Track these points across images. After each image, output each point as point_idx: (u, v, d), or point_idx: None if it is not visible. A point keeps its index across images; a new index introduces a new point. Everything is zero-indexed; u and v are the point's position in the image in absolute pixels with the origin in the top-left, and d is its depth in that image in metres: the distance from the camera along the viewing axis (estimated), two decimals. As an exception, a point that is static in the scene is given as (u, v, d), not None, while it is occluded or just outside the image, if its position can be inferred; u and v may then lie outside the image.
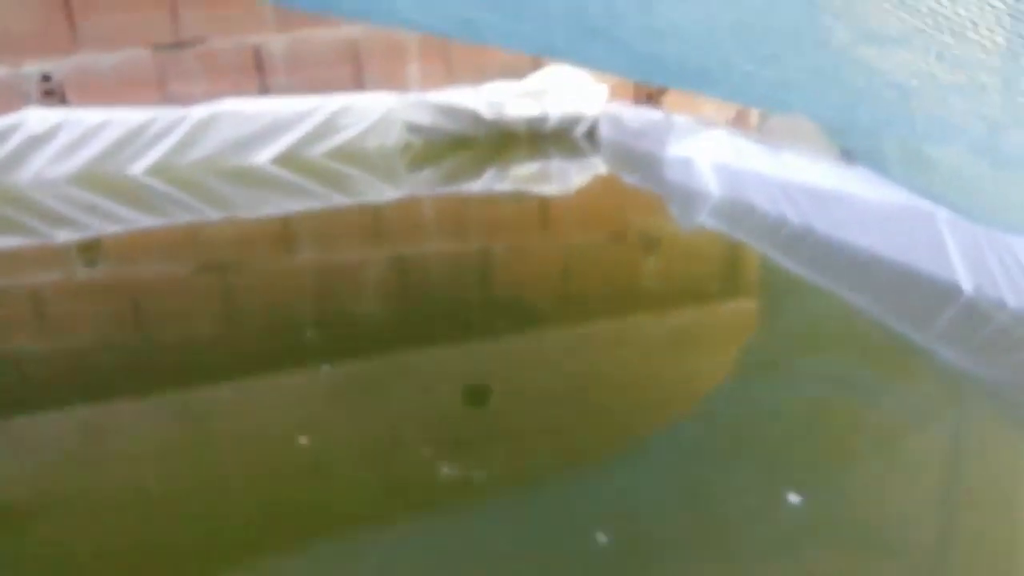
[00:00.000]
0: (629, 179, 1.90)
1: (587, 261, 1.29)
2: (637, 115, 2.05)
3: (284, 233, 1.64)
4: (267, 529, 0.62)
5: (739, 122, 1.89)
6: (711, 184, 1.49)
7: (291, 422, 0.78)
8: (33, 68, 2.21)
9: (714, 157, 1.51)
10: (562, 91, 2.32)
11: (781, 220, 1.26)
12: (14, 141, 2.12)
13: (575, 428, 0.74)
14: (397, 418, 0.77)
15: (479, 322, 1.04)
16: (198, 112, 2.20)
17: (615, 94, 2.34)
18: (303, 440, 0.73)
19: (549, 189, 1.87)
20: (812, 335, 0.94)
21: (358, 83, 2.37)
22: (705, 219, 1.44)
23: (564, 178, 1.97)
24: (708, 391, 0.84)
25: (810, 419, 0.75)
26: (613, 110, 2.23)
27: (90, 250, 1.57)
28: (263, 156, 2.24)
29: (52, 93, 2.23)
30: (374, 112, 2.31)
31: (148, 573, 0.58)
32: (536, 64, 2.39)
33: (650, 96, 2.35)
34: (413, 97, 2.34)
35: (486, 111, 2.29)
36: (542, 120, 2.30)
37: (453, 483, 0.65)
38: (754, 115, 1.86)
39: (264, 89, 2.32)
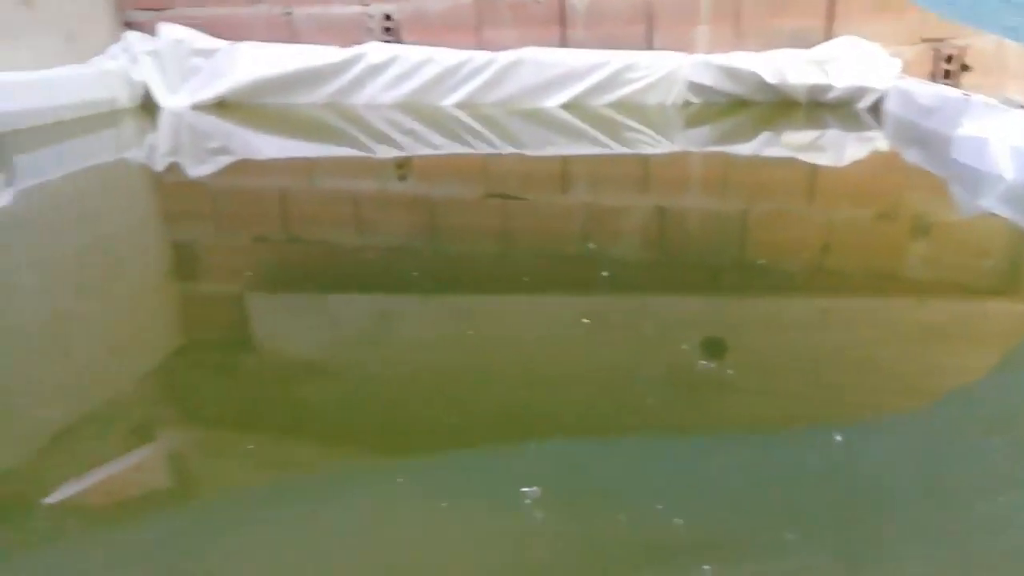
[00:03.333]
0: (910, 157, 1.68)
1: (850, 236, 1.16)
2: (930, 91, 1.80)
3: (562, 171, 1.65)
4: (503, 423, 0.63)
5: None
6: (1005, 168, 1.27)
7: (540, 337, 0.78)
8: (378, 8, 2.40)
9: (1013, 139, 1.28)
10: (851, 62, 2.09)
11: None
12: (357, 69, 2.33)
13: (810, 396, 0.67)
14: (634, 352, 0.75)
15: (727, 279, 0.98)
16: (505, 57, 2.27)
17: (909, 70, 2.07)
18: (548, 354, 0.73)
19: (822, 159, 1.71)
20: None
21: (648, 42, 2.30)
22: (992, 204, 1.23)
23: (839, 149, 1.79)
24: (962, 384, 0.72)
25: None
26: (904, 85, 1.97)
27: (402, 166, 1.68)
28: (554, 101, 2.27)
29: (390, 31, 2.41)
30: (659, 69, 2.24)
31: (398, 433, 0.61)
32: (828, 34, 2.18)
33: (948, 74, 2.05)
34: (698, 58, 2.23)
35: (769, 75, 2.13)
36: (826, 89, 2.10)
37: (672, 420, 0.62)
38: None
39: (564, 41, 2.34)
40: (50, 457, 0.57)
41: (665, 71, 2.24)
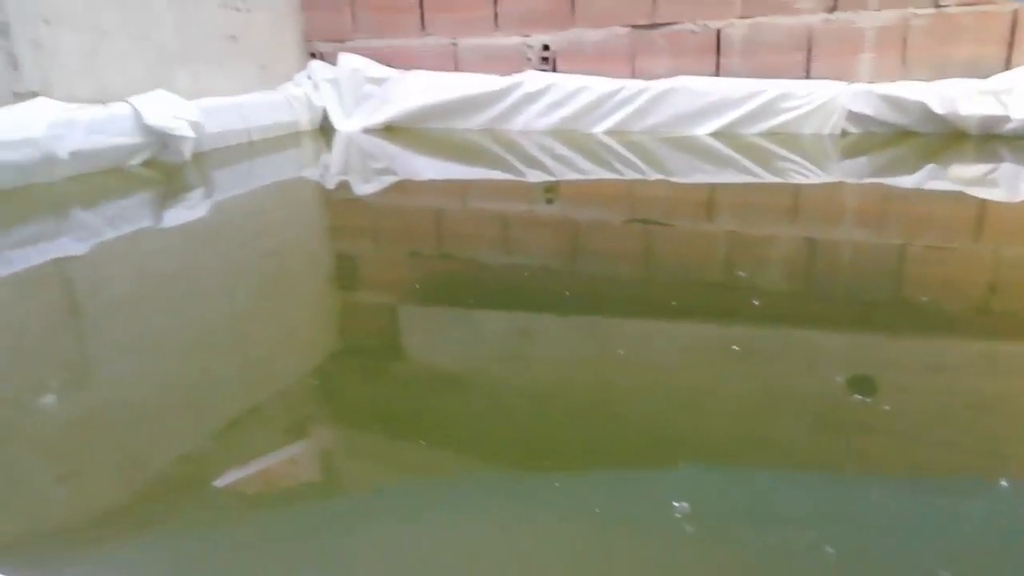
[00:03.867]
0: (1099, 196, 1.51)
1: (1021, 277, 1.06)
2: None
3: (710, 198, 1.62)
4: (648, 443, 0.62)
5: None
6: None
7: (687, 361, 0.77)
8: (537, 39, 2.46)
9: None
10: (1034, 92, 1.91)
11: None
12: (514, 96, 2.40)
13: (966, 445, 0.62)
14: (784, 382, 0.72)
15: (884, 315, 0.92)
16: (658, 85, 2.26)
17: (1103, 101, 1.87)
18: (695, 378, 0.72)
19: (994, 194, 1.57)
20: None
21: (806, 71, 2.22)
22: None
23: (1014, 184, 1.64)
24: None
25: None
26: (1096, 118, 1.78)
27: (550, 190, 1.71)
28: (704, 129, 2.23)
29: (547, 60, 2.46)
30: (816, 99, 2.15)
31: (541, 446, 0.62)
32: (1008, 63, 2.00)
33: None
34: (858, 87, 2.12)
35: (936, 105, 1.99)
36: (1002, 120, 1.94)
37: (821, 453, 0.59)
38: None
39: (718, 70, 2.29)
40: (218, 443, 0.63)
41: (823, 100, 2.14)
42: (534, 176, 1.83)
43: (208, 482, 0.56)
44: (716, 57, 2.30)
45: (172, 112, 1.84)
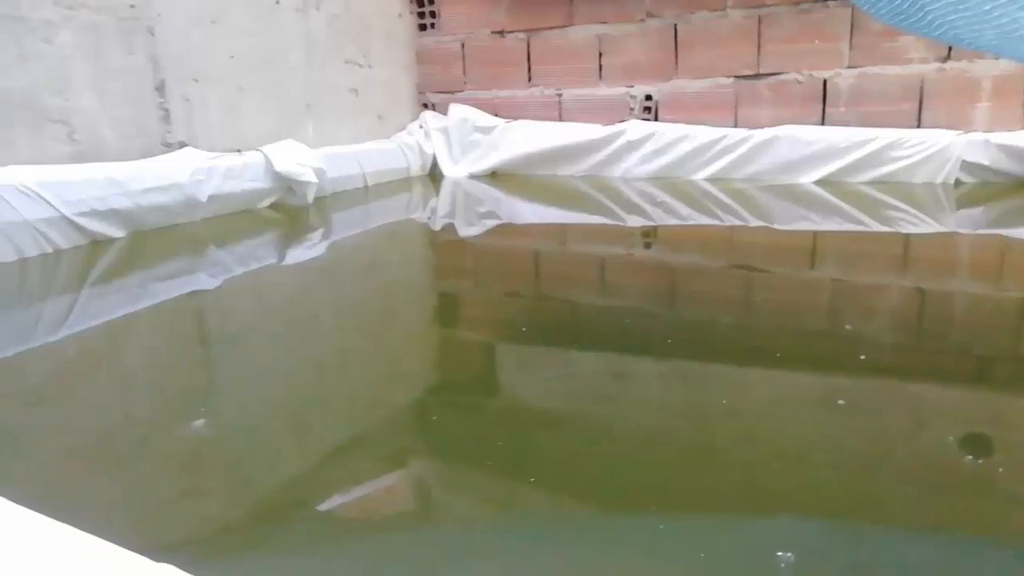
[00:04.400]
0: None
1: None
2: None
3: (813, 246, 1.57)
4: (747, 492, 0.61)
5: None
6: None
7: (781, 416, 0.75)
8: (640, 89, 2.48)
9: None
10: None
11: None
12: (616, 144, 2.42)
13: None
14: (893, 438, 0.69)
15: (995, 372, 0.86)
16: (761, 134, 2.23)
17: None
18: (798, 430, 0.70)
19: None
20: None
21: (916, 120, 2.13)
22: None
23: None
24: None
25: None
26: None
27: (649, 235, 1.70)
28: (808, 178, 2.18)
29: (649, 110, 2.47)
30: (928, 147, 2.06)
31: (635, 489, 0.61)
32: None
33: None
34: (974, 136, 2.02)
35: (1062, 155, 1.86)
36: None
37: (932, 513, 0.56)
38: None
39: (823, 119, 2.24)
40: (323, 469, 0.66)
41: (936, 148, 2.05)
42: (633, 221, 1.83)
43: (312, 505, 0.59)
44: (822, 106, 2.24)
45: (298, 160, 1.97)
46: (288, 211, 1.96)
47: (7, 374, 0.90)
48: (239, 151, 1.92)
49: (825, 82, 2.23)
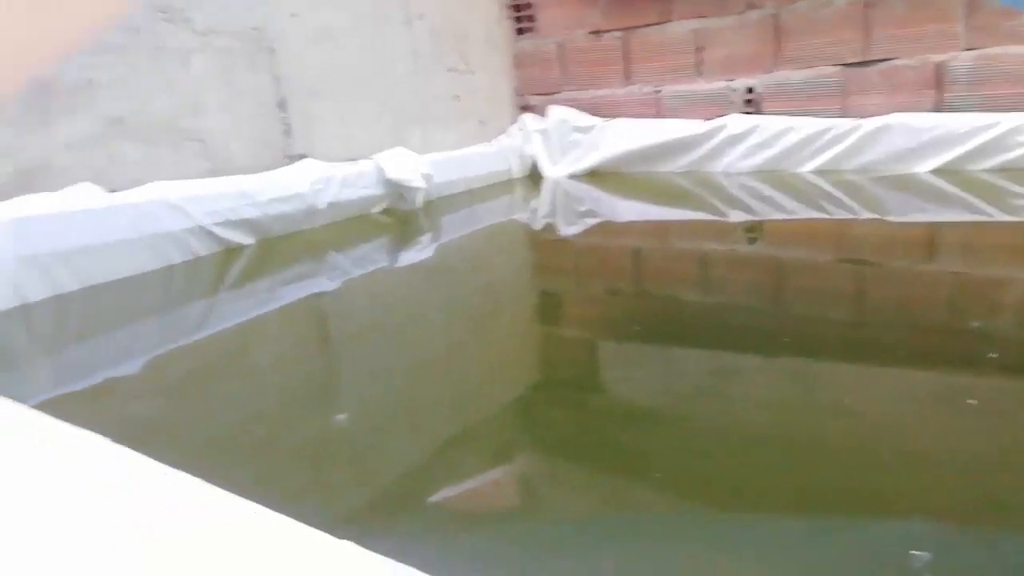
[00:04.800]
0: None
1: None
2: None
3: (930, 238, 1.49)
4: (866, 495, 0.59)
5: None
6: None
7: (905, 415, 0.72)
8: (741, 82, 2.42)
9: None
10: None
11: None
12: (718, 139, 2.37)
13: None
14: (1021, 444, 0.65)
15: None
16: (871, 123, 2.13)
17: None
18: (912, 434, 0.67)
19: None
20: None
21: (1046, 100, 1.98)
22: None
23: None
24: None
25: None
26: None
27: (753, 230, 1.67)
28: (924, 167, 2.06)
29: (751, 102, 2.41)
30: (1059, 130, 1.90)
31: (745, 489, 0.61)
32: None
33: None
34: (1114, 115, 1.85)
35: None
36: None
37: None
38: None
39: (938, 104, 2.11)
40: (432, 462, 0.69)
41: (1068, 131, 1.89)
42: (736, 216, 1.80)
43: (422, 497, 0.61)
44: (937, 92, 2.12)
45: (408, 166, 2.04)
46: (399, 216, 2.04)
47: (173, 367, 0.98)
48: (353, 160, 2.01)
49: (940, 66, 2.10)
